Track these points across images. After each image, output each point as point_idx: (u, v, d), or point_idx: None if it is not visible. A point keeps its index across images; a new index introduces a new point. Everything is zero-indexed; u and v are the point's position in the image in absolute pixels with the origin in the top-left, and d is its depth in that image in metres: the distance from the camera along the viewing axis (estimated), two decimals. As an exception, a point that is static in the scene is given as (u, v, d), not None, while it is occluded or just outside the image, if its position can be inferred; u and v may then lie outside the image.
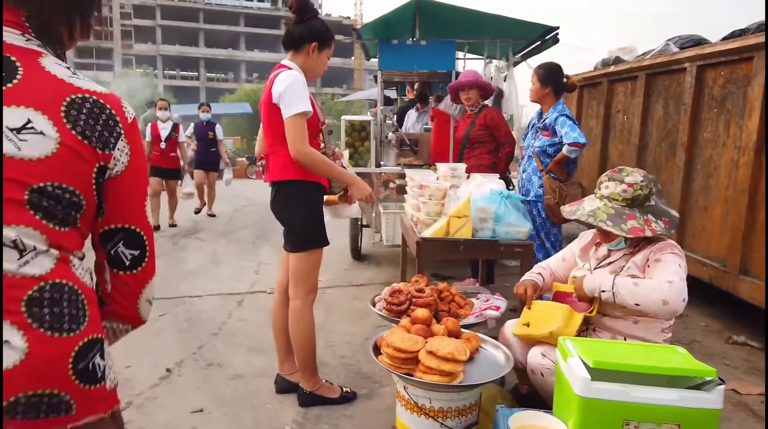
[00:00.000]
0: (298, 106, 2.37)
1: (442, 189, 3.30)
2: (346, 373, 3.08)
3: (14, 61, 0.94)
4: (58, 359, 0.89)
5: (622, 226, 2.19)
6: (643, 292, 2.04)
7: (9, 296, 0.85)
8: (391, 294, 2.71)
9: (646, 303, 2.03)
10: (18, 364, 0.84)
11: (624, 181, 2.28)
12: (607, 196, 2.31)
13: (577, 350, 1.77)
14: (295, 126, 2.38)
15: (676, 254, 2.17)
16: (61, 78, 0.97)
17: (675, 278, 2.05)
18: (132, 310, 1.12)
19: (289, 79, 2.41)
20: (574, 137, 3.54)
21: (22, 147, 0.89)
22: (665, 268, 2.11)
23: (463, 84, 4.32)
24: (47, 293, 0.90)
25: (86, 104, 0.97)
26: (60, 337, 0.89)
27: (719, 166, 4.01)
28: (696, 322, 4.05)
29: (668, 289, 2.00)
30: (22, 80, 0.93)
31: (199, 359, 3.24)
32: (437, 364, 2.02)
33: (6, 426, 0.83)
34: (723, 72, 4.02)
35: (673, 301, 1.98)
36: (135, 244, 1.07)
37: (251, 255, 5.96)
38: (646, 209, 2.26)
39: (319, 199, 2.61)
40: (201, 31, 65.59)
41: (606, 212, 2.26)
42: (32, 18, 0.98)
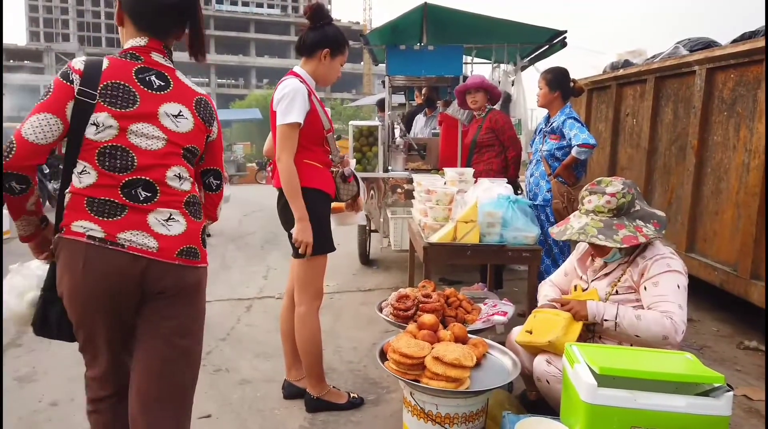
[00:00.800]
0: (288, 117, 2.40)
1: (449, 194, 3.29)
2: (354, 379, 3.08)
3: (167, 76, 1.68)
4: (197, 230, 1.70)
5: (614, 238, 2.20)
6: (645, 326, 2.08)
7: (176, 200, 1.64)
8: (397, 299, 2.71)
9: (646, 337, 2.09)
10: (183, 232, 1.64)
11: (606, 192, 2.28)
12: (591, 210, 2.31)
13: (583, 356, 1.76)
14: (282, 135, 2.42)
15: (673, 272, 2.17)
16: (190, 86, 1.74)
17: (675, 309, 2.08)
18: (213, 214, 1.93)
19: (287, 88, 2.44)
20: (583, 138, 3.53)
21: (179, 125, 1.66)
22: (664, 293, 2.13)
23: (470, 86, 4.32)
24: (191, 199, 1.69)
25: (202, 102, 1.74)
26: (197, 221, 1.71)
27: (730, 169, 3.98)
28: (707, 327, 4.00)
29: (669, 325, 2.05)
30: (174, 88, 1.68)
31: (207, 365, 3.25)
32: (443, 370, 2.02)
33: (174, 267, 1.62)
34: (733, 75, 3.99)
35: (672, 337, 2.05)
36: (217, 177, 1.88)
37: (260, 260, 5.98)
38: (634, 215, 2.26)
39: (324, 206, 2.61)
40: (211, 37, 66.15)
41: (595, 226, 2.26)
42: (167, 47, 1.72)
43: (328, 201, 2.64)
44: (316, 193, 2.55)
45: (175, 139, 1.64)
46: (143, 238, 1.56)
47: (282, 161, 2.43)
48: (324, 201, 2.60)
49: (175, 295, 1.66)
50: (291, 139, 2.43)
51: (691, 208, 4.32)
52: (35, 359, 3.29)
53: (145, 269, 1.57)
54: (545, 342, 2.19)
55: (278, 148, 2.44)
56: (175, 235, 1.62)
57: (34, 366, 3.20)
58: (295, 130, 2.43)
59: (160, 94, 1.63)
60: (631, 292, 2.27)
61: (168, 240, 1.60)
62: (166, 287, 1.63)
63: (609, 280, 2.33)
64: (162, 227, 1.60)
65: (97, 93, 1.55)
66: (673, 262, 2.21)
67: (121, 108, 1.56)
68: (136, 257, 1.55)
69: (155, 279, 1.60)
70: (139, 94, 1.60)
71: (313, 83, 2.58)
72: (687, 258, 4.30)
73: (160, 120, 1.61)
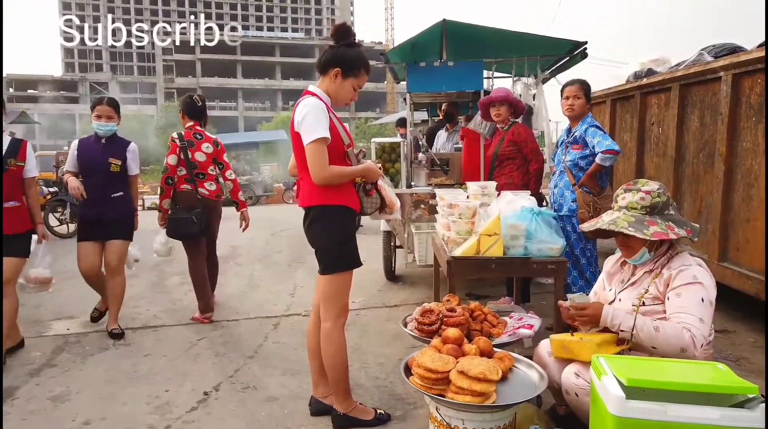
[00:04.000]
0: (315, 133, 2.43)
1: (471, 207, 3.29)
2: (380, 395, 3.07)
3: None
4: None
5: (644, 231, 2.16)
6: (663, 338, 2.05)
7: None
8: (422, 314, 2.71)
9: (664, 349, 2.05)
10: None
11: (641, 190, 2.27)
12: (625, 206, 2.30)
13: (611, 368, 1.73)
14: (313, 152, 2.44)
15: (698, 284, 2.12)
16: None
17: (695, 322, 2.04)
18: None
19: (307, 107, 2.48)
20: (606, 145, 3.50)
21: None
22: (686, 305, 2.09)
23: (494, 99, 4.33)
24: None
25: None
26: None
27: (760, 175, 3.88)
28: (743, 338, 3.88)
29: (688, 338, 2.01)
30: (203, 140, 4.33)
31: (235, 382, 3.28)
32: (469, 385, 2.00)
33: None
34: (760, 80, 3.91)
35: (691, 351, 2.01)
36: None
37: (287, 278, 6.03)
38: (667, 217, 2.24)
39: (349, 222, 2.63)
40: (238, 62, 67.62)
41: (626, 220, 2.24)
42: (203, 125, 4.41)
43: (353, 216, 2.66)
44: (340, 210, 2.58)
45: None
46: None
47: (323, 177, 2.45)
48: (349, 216, 2.63)
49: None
50: (322, 153, 2.44)
51: (721, 217, 4.22)
52: (69, 379, 3.37)
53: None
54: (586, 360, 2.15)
55: (312, 166, 2.44)
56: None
57: (68, 386, 3.27)
58: (324, 145, 2.45)
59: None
60: (658, 304, 2.23)
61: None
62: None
63: (636, 291, 2.29)
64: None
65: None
66: (700, 273, 2.16)
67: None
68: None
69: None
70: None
71: (329, 101, 2.61)
72: (719, 267, 4.19)
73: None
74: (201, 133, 4.45)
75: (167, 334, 4.20)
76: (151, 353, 3.79)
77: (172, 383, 3.27)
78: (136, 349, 3.88)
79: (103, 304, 4.43)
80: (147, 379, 3.36)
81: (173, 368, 3.52)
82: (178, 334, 4.21)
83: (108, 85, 72.27)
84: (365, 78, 2.63)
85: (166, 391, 3.16)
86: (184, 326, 4.39)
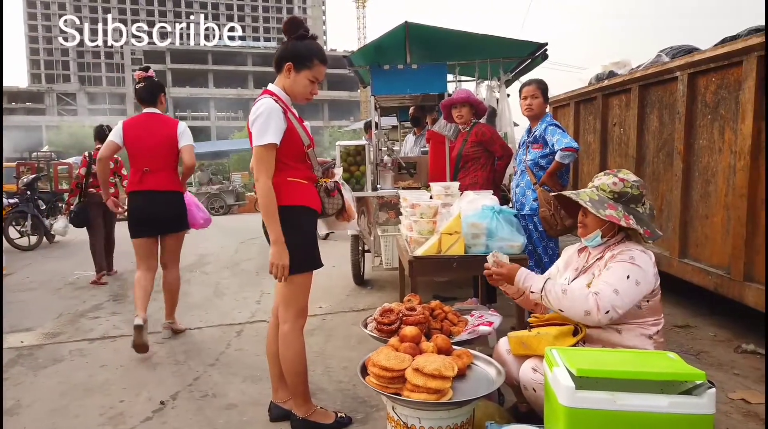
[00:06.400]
0: (263, 138, 2.37)
1: (433, 207, 3.27)
2: (343, 398, 3.01)
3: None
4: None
5: (599, 210, 2.18)
6: (569, 300, 2.10)
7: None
8: (381, 314, 2.67)
9: (569, 311, 2.11)
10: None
11: (617, 175, 2.30)
12: (596, 185, 2.32)
13: (563, 359, 1.72)
14: (258, 157, 2.40)
15: (630, 264, 2.12)
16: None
17: (606, 290, 2.06)
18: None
19: (260, 108, 2.42)
20: (565, 143, 3.53)
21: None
22: (609, 276, 2.11)
23: (456, 101, 4.34)
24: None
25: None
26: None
27: (717, 172, 3.96)
28: (704, 333, 3.93)
29: (593, 301, 2.04)
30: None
31: (194, 391, 3.19)
32: (424, 382, 1.96)
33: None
34: (714, 78, 3.99)
35: (594, 313, 2.04)
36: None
37: (254, 286, 5.93)
38: (631, 210, 2.23)
39: (309, 222, 2.59)
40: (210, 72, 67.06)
41: (590, 196, 2.26)
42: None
43: (314, 217, 2.61)
44: (301, 210, 2.53)
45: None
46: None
47: (260, 182, 2.40)
48: (310, 217, 2.58)
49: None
50: (267, 160, 2.40)
51: (681, 214, 4.29)
52: (20, 392, 3.23)
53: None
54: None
55: (255, 170, 2.41)
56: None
57: (19, 399, 3.14)
58: (271, 151, 2.40)
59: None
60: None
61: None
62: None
63: (586, 278, 2.29)
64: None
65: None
66: (638, 256, 2.14)
67: None
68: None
69: None
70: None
71: (289, 100, 2.57)
72: (680, 264, 4.26)
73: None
74: None
75: (126, 345, 4.05)
76: (107, 364, 3.67)
77: (127, 393, 3.17)
78: (92, 360, 3.75)
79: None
80: (101, 390, 3.25)
81: (130, 378, 3.41)
82: (137, 343, 4.08)
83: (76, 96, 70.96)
84: (321, 68, 2.54)
85: (121, 402, 3.06)
86: (144, 336, 4.26)
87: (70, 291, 5.97)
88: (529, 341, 2.26)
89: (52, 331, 4.45)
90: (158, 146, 3.88)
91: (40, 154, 15.49)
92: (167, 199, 3.91)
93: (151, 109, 3.98)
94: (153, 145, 3.87)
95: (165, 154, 3.90)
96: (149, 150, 3.87)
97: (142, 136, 3.89)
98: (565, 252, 2.60)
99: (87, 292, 5.88)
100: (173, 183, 3.94)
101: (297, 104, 2.61)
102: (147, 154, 3.86)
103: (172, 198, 3.94)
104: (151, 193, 3.85)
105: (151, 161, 3.86)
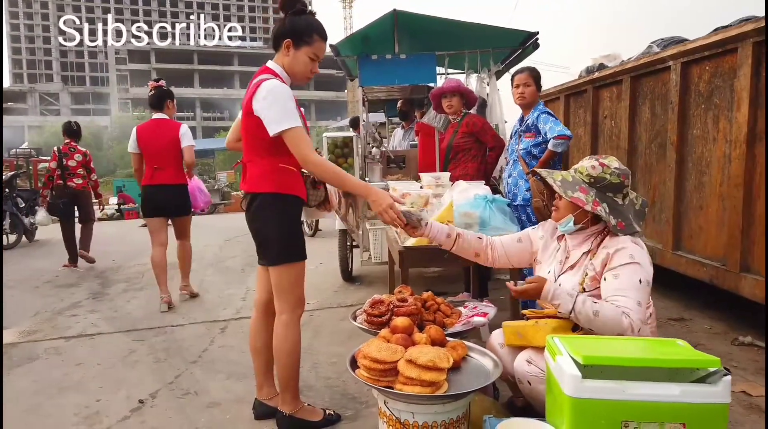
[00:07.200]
0: (288, 121, 2.22)
1: (423, 196, 3.17)
2: (332, 395, 2.89)
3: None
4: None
5: (567, 192, 2.08)
6: (601, 322, 1.92)
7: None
8: (371, 305, 2.55)
9: (600, 332, 1.93)
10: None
11: (599, 159, 2.17)
12: (576, 167, 2.20)
13: (566, 348, 1.61)
14: (296, 138, 2.24)
15: (636, 264, 2.00)
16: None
17: (633, 306, 1.92)
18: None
19: (272, 93, 2.25)
20: (558, 130, 3.44)
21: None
22: (624, 287, 1.97)
23: (445, 90, 4.23)
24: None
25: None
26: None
27: (711, 162, 3.89)
28: (699, 325, 3.86)
29: (627, 324, 1.89)
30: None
31: (175, 389, 3.05)
32: (417, 374, 1.85)
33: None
34: (708, 67, 3.93)
35: (628, 333, 1.89)
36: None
37: (239, 283, 5.78)
38: (607, 199, 2.12)
39: (297, 212, 2.47)
40: (195, 72, 66.48)
41: (564, 177, 2.15)
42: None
43: (300, 207, 2.50)
44: (292, 199, 2.41)
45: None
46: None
47: (309, 161, 2.25)
48: (297, 208, 2.47)
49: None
50: (302, 137, 2.25)
51: (674, 205, 4.22)
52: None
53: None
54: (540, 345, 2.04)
55: (297, 152, 2.24)
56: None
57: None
58: (302, 130, 2.26)
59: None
60: (597, 287, 2.12)
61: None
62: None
63: (577, 275, 2.18)
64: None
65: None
66: (637, 253, 2.04)
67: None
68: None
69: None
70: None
71: (289, 80, 2.42)
72: (674, 256, 4.18)
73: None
74: (74, 147, 6.82)
75: (104, 342, 3.91)
76: (84, 362, 3.50)
77: (104, 392, 3.02)
78: (68, 359, 3.59)
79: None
80: (77, 388, 3.09)
81: (107, 376, 3.26)
82: (116, 341, 3.93)
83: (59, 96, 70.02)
84: (322, 45, 2.40)
85: (97, 401, 2.90)
86: (123, 333, 4.11)
87: (48, 289, 5.78)
88: (526, 331, 2.15)
89: (28, 329, 4.27)
90: (164, 148, 4.64)
91: (19, 151, 15.15)
92: (173, 191, 4.72)
93: (159, 115, 4.77)
94: (160, 147, 4.64)
95: (170, 154, 4.66)
96: (157, 151, 4.64)
97: (151, 139, 4.66)
98: (541, 227, 2.46)
99: (66, 290, 5.69)
100: (178, 177, 4.73)
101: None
102: (156, 154, 4.64)
103: (177, 189, 4.75)
104: (161, 186, 4.64)
105: (159, 160, 4.63)
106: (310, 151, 2.25)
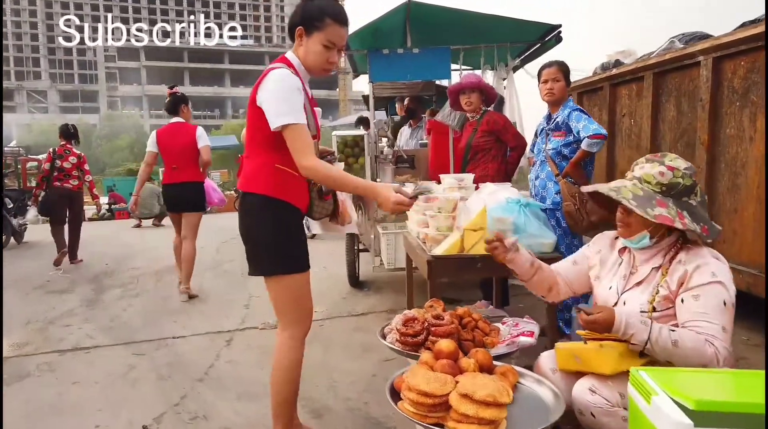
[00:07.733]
0: (290, 116, 1.98)
1: (452, 200, 2.92)
2: (354, 419, 2.64)
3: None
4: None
5: (647, 210, 1.82)
6: (682, 354, 1.70)
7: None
8: (404, 323, 2.29)
9: (680, 364, 1.71)
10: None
11: (664, 163, 1.91)
12: (639, 176, 1.93)
13: (660, 385, 1.36)
14: (294, 136, 1.99)
15: (718, 283, 1.78)
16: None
17: (718, 333, 1.71)
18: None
19: (278, 84, 2.02)
20: (593, 129, 3.20)
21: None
22: (706, 311, 1.74)
23: (465, 86, 3.98)
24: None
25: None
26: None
27: (747, 163, 3.67)
28: (737, 337, 3.63)
29: (711, 354, 1.67)
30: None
31: (181, 412, 2.78)
32: (475, 411, 1.60)
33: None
34: (743, 62, 3.71)
35: (714, 364, 1.68)
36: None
37: (240, 288, 5.50)
38: (684, 205, 1.87)
39: (292, 221, 2.18)
40: (186, 70, 65.85)
41: (633, 191, 1.88)
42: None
43: (297, 215, 2.20)
44: (283, 206, 2.12)
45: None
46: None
47: (304, 166, 1.99)
48: (293, 215, 2.17)
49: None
50: (303, 136, 1.99)
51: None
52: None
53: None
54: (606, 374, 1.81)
55: (293, 151, 2.00)
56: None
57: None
58: (303, 128, 2.01)
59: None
60: (670, 307, 1.88)
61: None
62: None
63: (645, 293, 1.93)
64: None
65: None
66: (719, 270, 1.81)
67: None
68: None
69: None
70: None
71: (306, 75, 2.17)
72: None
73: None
74: (70, 149, 7.01)
75: (101, 357, 3.63)
76: (80, 380, 3.23)
77: (103, 415, 2.75)
78: (62, 376, 3.31)
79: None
80: (73, 411, 2.82)
81: (106, 397, 2.99)
82: (114, 355, 3.66)
83: (47, 94, 69.08)
84: (337, 29, 2.10)
85: (96, 427, 2.63)
86: (122, 346, 3.83)
87: (39, 295, 5.48)
88: (586, 356, 1.91)
89: (18, 341, 3.98)
90: (182, 149, 5.00)
91: (7, 150, 14.72)
92: (190, 188, 5.05)
93: (175, 119, 5.12)
94: (178, 149, 5.00)
95: (187, 154, 5.01)
96: (175, 153, 5.01)
97: (170, 141, 5.03)
98: (599, 238, 2.23)
99: (58, 296, 5.40)
100: (195, 175, 5.05)
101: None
102: (174, 155, 5.01)
103: (194, 186, 5.07)
104: (179, 184, 5.01)
105: (177, 161, 4.99)
106: (306, 152, 1.99)
